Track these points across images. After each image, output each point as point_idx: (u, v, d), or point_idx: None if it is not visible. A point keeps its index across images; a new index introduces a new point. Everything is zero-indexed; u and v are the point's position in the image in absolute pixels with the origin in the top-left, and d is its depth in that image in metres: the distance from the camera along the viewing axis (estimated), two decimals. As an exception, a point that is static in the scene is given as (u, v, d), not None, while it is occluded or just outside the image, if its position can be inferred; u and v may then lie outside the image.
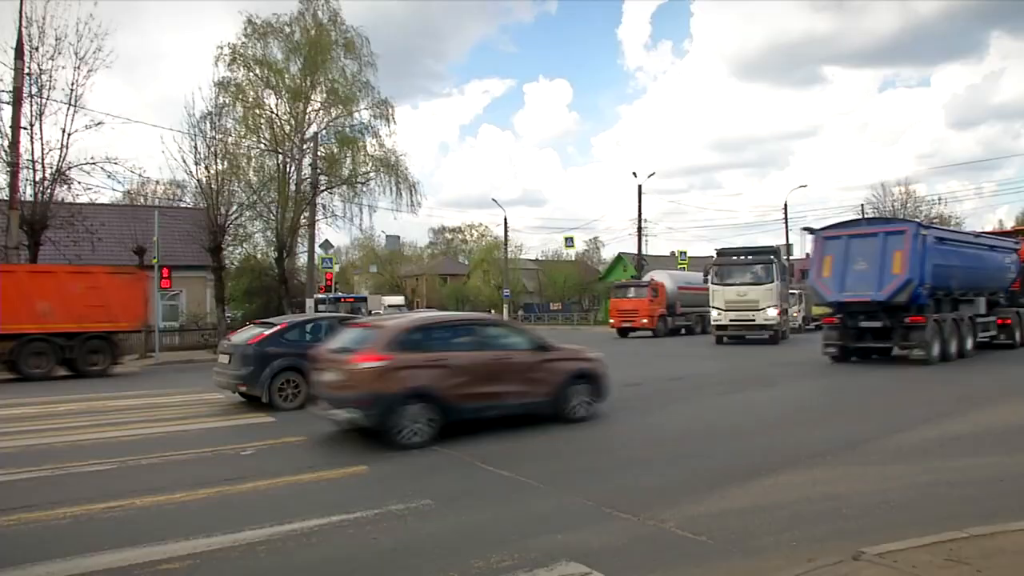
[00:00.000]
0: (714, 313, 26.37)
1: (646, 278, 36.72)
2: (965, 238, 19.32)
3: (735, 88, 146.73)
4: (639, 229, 44.23)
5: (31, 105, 22.12)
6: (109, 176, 27.27)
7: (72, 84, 22.77)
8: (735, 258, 26.84)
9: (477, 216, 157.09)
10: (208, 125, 27.23)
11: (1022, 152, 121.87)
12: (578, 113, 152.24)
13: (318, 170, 30.57)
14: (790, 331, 28.30)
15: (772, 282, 25.51)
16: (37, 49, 21.85)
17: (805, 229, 20.68)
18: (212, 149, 26.91)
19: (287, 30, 32.12)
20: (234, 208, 28.06)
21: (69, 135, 22.87)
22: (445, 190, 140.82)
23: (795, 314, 31.60)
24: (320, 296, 31.10)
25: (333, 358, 8.92)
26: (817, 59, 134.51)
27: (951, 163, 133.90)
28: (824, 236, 17.57)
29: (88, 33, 22.72)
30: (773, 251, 27.30)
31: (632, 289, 34.96)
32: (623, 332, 34.45)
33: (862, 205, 54.21)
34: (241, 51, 31.38)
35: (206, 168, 26.83)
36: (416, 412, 8.35)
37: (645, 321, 33.56)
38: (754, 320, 25.59)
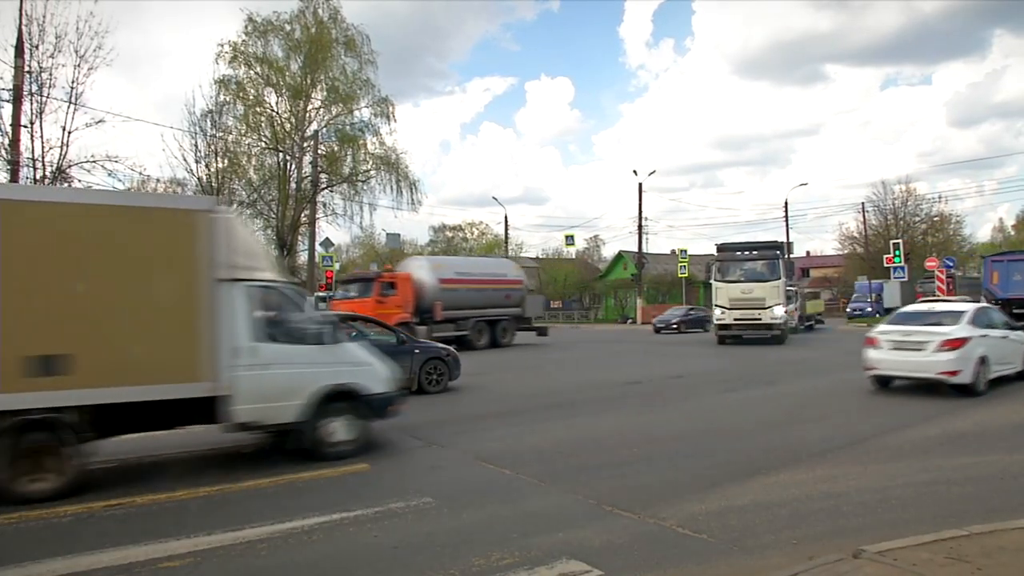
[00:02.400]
0: (717, 312, 25.16)
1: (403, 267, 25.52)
2: None
3: (737, 86, 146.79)
4: (640, 227, 44.24)
5: (31, 103, 22.07)
6: (110, 174, 27.12)
7: (72, 82, 22.73)
8: (739, 254, 25.79)
9: (478, 214, 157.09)
10: (209, 123, 27.32)
11: (1023, 150, 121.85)
12: (580, 111, 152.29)
13: (319, 168, 30.59)
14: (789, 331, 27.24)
15: (778, 279, 24.48)
16: (37, 47, 21.80)
17: (983, 256, 32.20)
18: (212, 147, 26.98)
19: (288, 28, 32.16)
20: (235, 206, 28.04)
21: (69, 133, 22.83)
22: (446, 188, 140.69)
23: (792, 313, 30.71)
24: (321, 294, 31.06)
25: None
26: (819, 57, 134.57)
27: (952, 161, 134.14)
28: (992, 260, 27.75)
29: (88, 31, 22.65)
30: (778, 246, 26.58)
31: (355, 286, 23.79)
32: None
33: (863, 203, 54.14)
34: (242, 49, 31.42)
35: (206, 166, 26.90)
36: None
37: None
38: (760, 319, 24.34)
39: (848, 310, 45.00)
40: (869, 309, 42.40)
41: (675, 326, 34.99)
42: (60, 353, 6.22)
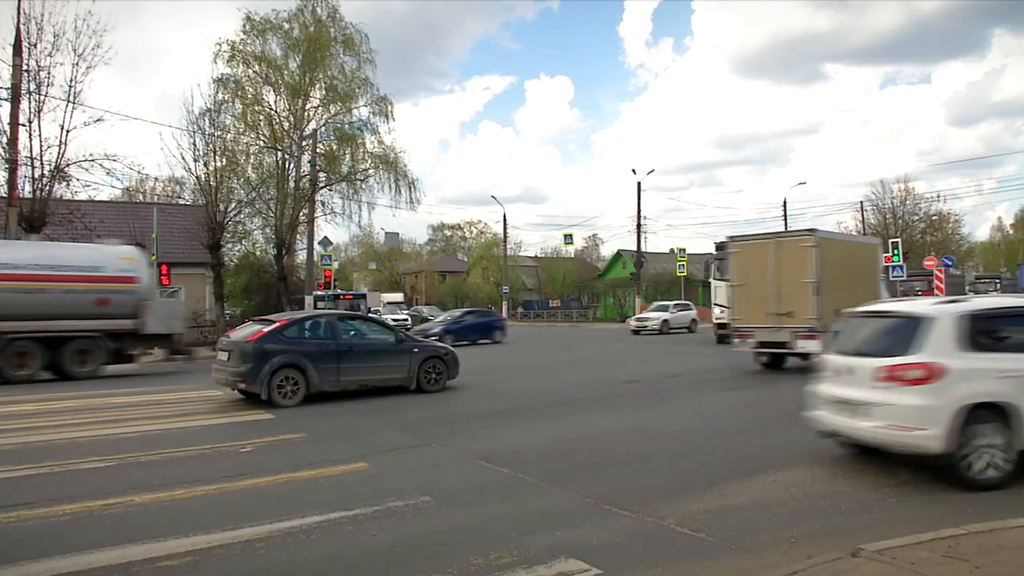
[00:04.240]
0: (716, 311, 25.23)
1: None
2: None
3: (736, 85, 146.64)
4: (638, 226, 44.24)
5: (30, 102, 22.07)
6: (108, 173, 27.18)
7: (71, 81, 22.75)
8: None
9: (477, 213, 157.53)
10: (207, 122, 27.23)
11: (1022, 149, 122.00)
12: (579, 110, 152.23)
13: (317, 167, 30.56)
14: None
15: None
16: (35, 46, 21.80)
17: (1019, 264, 39.47)
18: (211, 146, 26.91)
19: (286, 27, 32.13)
20: (233, 205, 28.03)
21: (68, 132, 22.84)
22: (445, 187, 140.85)
23: None
24: (319, 293, 31.03)
25: None
26: (818, 56, 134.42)
27: (951, 160, 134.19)
28: None
29: (87, 30, 22.70)
30: None
31: None
32: None
33: (861, 202, 54.17)
34: (240, 48, 31.41)
35: (205, 165, 26.84)
36: None
37: None
38: None
39: None
40: None
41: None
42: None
